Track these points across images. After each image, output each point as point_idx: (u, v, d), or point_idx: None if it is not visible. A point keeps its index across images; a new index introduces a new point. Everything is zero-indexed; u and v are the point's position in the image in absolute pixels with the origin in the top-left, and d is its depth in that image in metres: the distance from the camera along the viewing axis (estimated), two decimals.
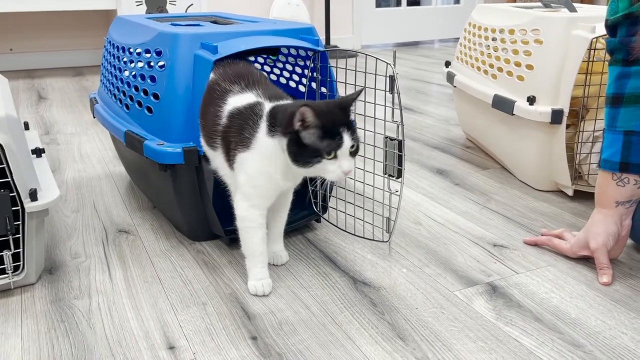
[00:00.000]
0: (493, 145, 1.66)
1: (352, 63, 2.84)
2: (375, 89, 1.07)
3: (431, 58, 3.71)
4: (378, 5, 4.24)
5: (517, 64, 1.45)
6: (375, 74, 1.04)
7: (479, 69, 1.65)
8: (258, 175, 0.97)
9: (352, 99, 0.92)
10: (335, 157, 0.90)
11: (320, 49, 1.14)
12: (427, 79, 3.00)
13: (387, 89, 1.04)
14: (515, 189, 1.50)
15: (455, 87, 1.78)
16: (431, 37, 4.48)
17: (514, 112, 1.43)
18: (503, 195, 1.46)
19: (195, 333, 0.91)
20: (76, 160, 1.74)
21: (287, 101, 0.99)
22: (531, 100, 1.38)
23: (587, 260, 1.12)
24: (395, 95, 1.03)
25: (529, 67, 1.42)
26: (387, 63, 1.03)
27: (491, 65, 1.58)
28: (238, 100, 1.00)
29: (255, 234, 1.01)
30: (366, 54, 1.07)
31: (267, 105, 0.97)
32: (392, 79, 1.02)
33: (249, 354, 0.87)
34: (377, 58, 1.04)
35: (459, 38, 1.84)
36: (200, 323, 0.94)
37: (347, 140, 0.89)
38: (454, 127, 2.09)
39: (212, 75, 1.06)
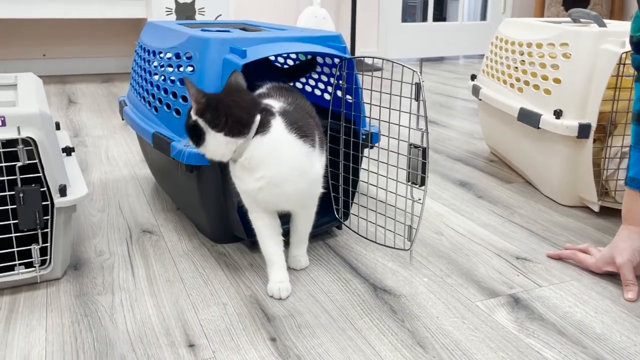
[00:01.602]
0: (517, 159, 1.65)
1: (376, 74, 2.85)
2: (400, 96, 1.08)
3: (456, 73, 3.71)
4: (404, 20, 4.26)
5: (544, 78, 1.45)
6: (402, 82, 1.04)
7: (505, 82, 1.64)
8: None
9: None
10: None
11: (347, 56, 1.15)
12: (452, 94, 2.99)
13: (413, 96, 1.04)
14: (540, 204, 1.48)
15: (480, 100, 1.78)
16: (456, 52, 4.48)
17: (539, 126, 1.42)
18: (527, 209, 1.44)
19: (215, 332, 0.92)
20: (103, 162, 1.77)
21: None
22: (558, 113, 1.37)
23: (612, 276, 1.11)
24: (421, 102, 1.03)
25: (557, 80, 1.41)
26: (414, 70, 1.03)
27: (517, 79, 1.57)
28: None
29: (260, 233, 1.05)
30: (392, 61, 1.07)
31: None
32: (418, 87, 1.02)
33: (268, 355, 0.87)
34: (403, 65, 1.05)
35: (484, 54, 1.84)
36: (221, 323, 0.95)
37: None
38: (477, 140, 2.08)
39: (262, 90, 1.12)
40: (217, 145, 0.96)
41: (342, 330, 0.94)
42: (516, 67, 1.59)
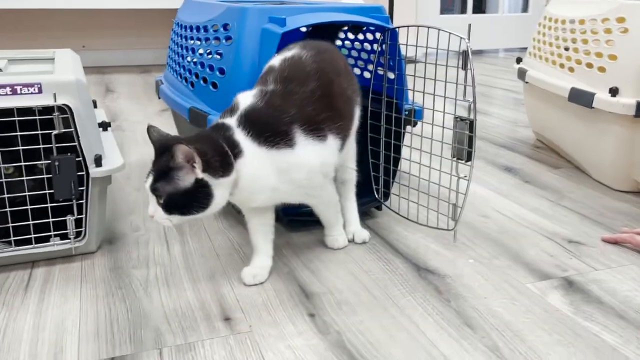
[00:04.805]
0: (567, 143, 1.57)
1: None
2: (447, 66, 1.02)
3: (496, 66, 3.61)
4: (442, 12, 4.17)
5: (599, 55, 1.37)
6: (448, 50, 0.99)
7: (554, 62, 1.56)
8: None
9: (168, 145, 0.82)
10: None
11: (390, 26, 1.10)
12: (492, 84, 2.91)
13: (460, 65, 0.98)
14: (591, 189, 1.40)
15: (526, 82, 1.70)
16: (496, 46, 4.36)
17: (593, 105, 1.34)
18: (578, 194, 1.37)
19: (252, 307, 0.88)
20: (139, 144, 1.77)
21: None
22: (614, 91, 1.29)
23: None
24: (469, 71, 0.97)
25: (612, 57, 1.33)
26: (461, 37, 0.97)
27: (568, 58, 1.49)
28: None
29: (250, 222, 0.97)
30: (439, 29, 1.02)
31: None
32: (466, 54, 0.97)
33: (307, 330, 0.83)
34: (450, 32, 0.99)
35: (526, 47, 1.76)
36: (257, 298, 0.91)
37: (148, 183, 0.83)
38: (521, 128, 2.00)
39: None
40: (223, 195, 0.85)
41: (383, 308, 0.89)
42: (567, 47, 1.51)
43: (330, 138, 0.94)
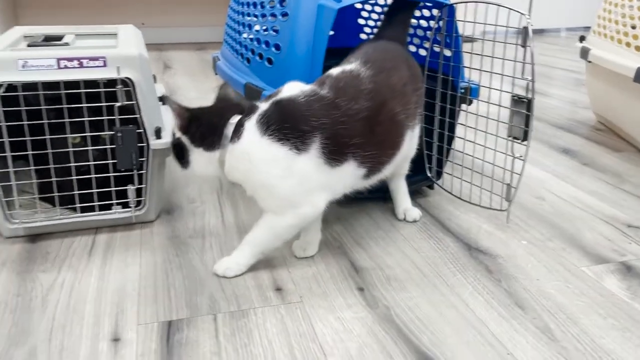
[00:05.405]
0: (630, 125, 1.51)
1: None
2: (505, 42, 1.00)
3: (557, 45, 3.48)
4: None
5: None
6: (507, 27, 0.97)
7: (620, 41, 1.50)
8: None
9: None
10: None
11: (447, 2, 1.08)
12: (552, 64, 2.81)
13: (520, 42, 0.96)
14: None
15: (589, 62, 1.64)
16: (557, 25, 4.19)
17: None
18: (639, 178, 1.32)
19: (303, 279, 0.90)
20: None
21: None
22: None
23: None
24: (528, 49, 0.95)
25: None
26: (521, 13, 0.95)
27: (635, 37, 1.42)
28: None
29: None
30: (498, 5, 0.99)
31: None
32: (526, 31, 0.94)
33: (355, 304, 0.84)
34: (510, 8, 0.97)
35: (590, 27, 1.68)
36: (308, 270, 0.93)
37: None
38: (581, 109, 1.93)
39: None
40: (201, 164, 0.90)
41: (433, 285, 0.89)
42: (634, 25, 1.44)
43: (349, 164, 0.88)
